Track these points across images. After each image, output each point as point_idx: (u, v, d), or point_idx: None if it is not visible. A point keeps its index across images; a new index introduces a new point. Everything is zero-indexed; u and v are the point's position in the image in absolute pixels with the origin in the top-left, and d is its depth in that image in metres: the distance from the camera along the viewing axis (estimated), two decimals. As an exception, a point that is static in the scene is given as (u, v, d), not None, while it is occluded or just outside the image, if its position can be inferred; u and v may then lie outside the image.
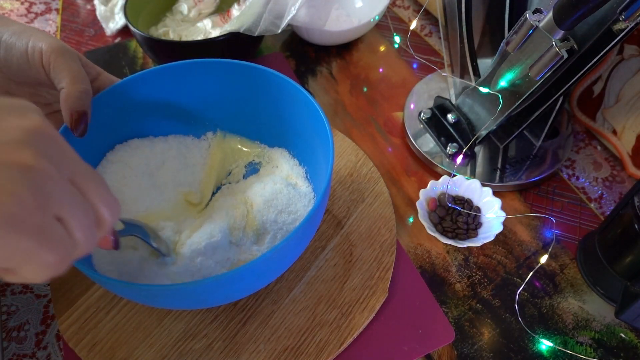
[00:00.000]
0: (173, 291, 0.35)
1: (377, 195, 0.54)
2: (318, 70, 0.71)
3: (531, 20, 0.43)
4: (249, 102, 0.51)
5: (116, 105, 0.47)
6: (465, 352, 0.45)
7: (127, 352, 0.43)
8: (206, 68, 0.49)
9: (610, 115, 0.59)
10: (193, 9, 0.72)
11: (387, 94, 0.68)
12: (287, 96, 0.47)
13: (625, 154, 0.58)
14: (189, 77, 0.49)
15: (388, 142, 0.62)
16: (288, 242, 0.35)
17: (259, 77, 0.48)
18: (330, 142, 0.41)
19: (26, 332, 0.46)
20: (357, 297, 0.46)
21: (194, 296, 0.37)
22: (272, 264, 0.38)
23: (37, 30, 0.41)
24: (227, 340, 0.44)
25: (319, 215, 0.40)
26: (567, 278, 0.50)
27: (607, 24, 0.41)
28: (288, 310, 0.46)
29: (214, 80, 0.50)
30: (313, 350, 0.43)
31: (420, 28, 0.79)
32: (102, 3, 0.80)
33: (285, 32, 0.76)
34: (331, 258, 0.49)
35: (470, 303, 0.48)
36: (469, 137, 0.57)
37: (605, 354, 0.45)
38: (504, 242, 0.53)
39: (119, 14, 0.78)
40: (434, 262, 0.51)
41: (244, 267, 0.34)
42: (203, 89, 0.50)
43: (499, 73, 0.49)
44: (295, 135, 0.50)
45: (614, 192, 0.58)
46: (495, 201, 0.52)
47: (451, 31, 0.55)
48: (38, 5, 0.84)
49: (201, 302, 0.40)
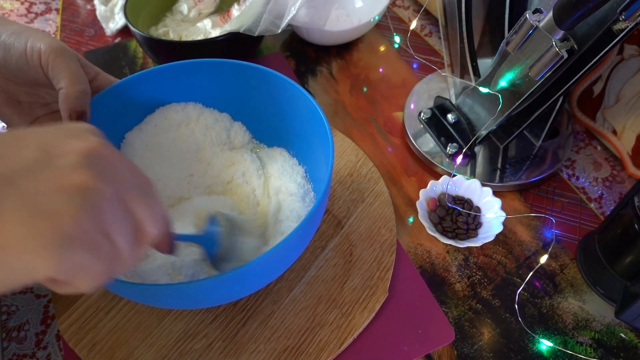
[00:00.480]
0: (172, 291, 0.35)
1: (377, 195, 0.54)
2: (318, 70, 0.71)
3: (531, 20, 0.43)
4: (249, 101, 0.51)
5: (116, 105, 0.47)
6: (465, 352, 0.45)
7: (127, 352, 0.43)
8: (206, 68, 0.49)
9: (610, 115, 0.59)
10: (193, 9, 0.72)
11: (387, 94, 0.68)
12: (287, 96, 0.47)
13: (625, 154, 0.58)
14: (189, 77, 0.49)
15: (388, 142, 0.62)
16: (287, 242, 0.35)
17: (259, 77, 0.48)
18: (330, 142, 0.41)
19: (26, 332, 0.46)
20: (357, 297, 0.46)
21: (194, 296, 0.37)
22: (272, 263, 0.38)
23: (36, 31, 0.41)
24: (227, 340, 0.44)
25: (319, 215, 0.40)
26: (567, 278, 0.50)
27: (607, 24, 0.41)
28: (288, 310, 0.46)
29: (213, 80, 0.50)
30: (313, 350, 0.43)
31: (420, 28, 0.79)
32: (102, 3, 0.80)
33: (285, 32, 0.76)
34: (331, 258, 0.49)
35: (470, 303, 0.48)
36: (469, 137, 0.57)
37: (605, 354, 0.45)
38: (504, 242, 0.53)
39: (119, 14, 0.78)
40: (434, 262, 0.51)
41: (243, 267, 0.34)
42: (203, 89, 0.50)
43: (499, 73, 0.49)
44: (295, 135, 0.50)
45: (614, 192, 0.58)
46: (495, 201, 0.52)
47: (451, 31, 0.55)
48: (38, 5, 0.84)
49: (201, 302, 0.40)
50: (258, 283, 0.41)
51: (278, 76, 0.47)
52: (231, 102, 0.51)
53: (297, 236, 0.36)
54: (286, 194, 0.47)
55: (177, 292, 0.35)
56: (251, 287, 0.41)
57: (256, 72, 0.48)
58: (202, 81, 0.50)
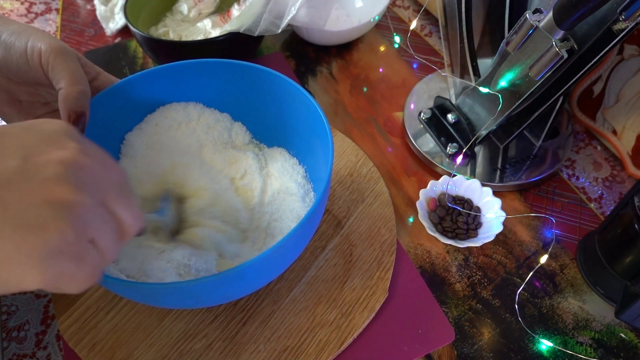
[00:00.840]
0: (172, 290, 0.35)
1: (377, 195, 0.54)
2: (318, 70, 0.71)
3: (531, 20, 0.43)
4: (249, 101, 0.51)
5: (116, 105, 0.47)
6: (465, 352, 0.45)
7: (127, 352, 0.43)
8: (206, 68, 0.49)
9: (610, 115, 0.59)
10: (193, 9, 0.72)
11: (387, 94, 0.68)
12: (287, 96, 0.47)
13: (625, 154, 0.58)
14: (189, 77, 0.49)
15: (388, 142, 0.62)
16: (287, 241, 0.35)
17: (259, 77, 0.48)
18: (329, 142, 0.41)
19: (26, 332, 0.46)
20: (357, 297, 0.46)
21: (193, 295, 0.37)
22: (272, 263, 0.38)
23: (37, 30, 0.41)
24: (227, 340, 0.44)
25: (318, 214, 0.40)
26: (567, 278, 0.50)
27: (607, 24, 0.41)
28: (288, 310, 0.46)
29: (213, 80, 0.50)
30: (313, 351, 0.43)
31: (420, 28, 0.79)
32: (102, 3, 0.80)
33: (285, 32, 0.76)
34: (331, 258, 0.49)
35: (470, 303, 0.48)
36: (469, 137, 0.57)
37: (605, 354, 0.45)
38: (504, 242, 0.53)
39: (119, 14, 0.78)
40: (434, 262, 0.51)
41: (243, 266, 0.34)
42: (203, 89, 0.50)
43: (499, 73, 0.49)
44: (295, 135, 0.50)
45: (614, 192, 0.58)
46: (495, 201, 0.52)
47: (451, 31, 0.55)
48: (38, 5, 0.84)
49: (201, 301, 0.40)
50: (257, 282, 0.41)
51: (278, 76, 0.47)
52: (231, 102, 0.51)
53: (296, 235, 0.36)
54: (286, 194, 0.47)
55: (176, 291, 0.35)
56: (251, 286, 0.41)
57: (256, 72, 0.48)
58: (202, 81, 0.50)
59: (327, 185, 0.39)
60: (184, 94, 0.50)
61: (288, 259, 0.41)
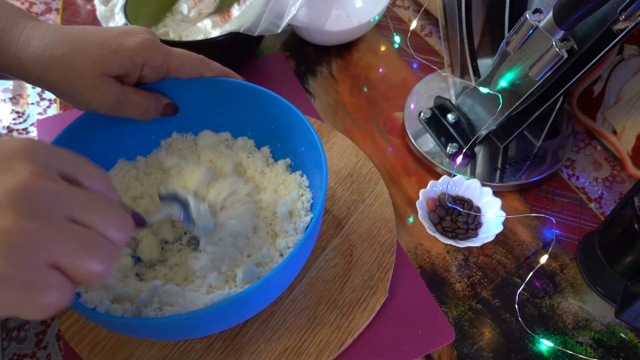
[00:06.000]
0: (166, 325, 0.34)
1: (377, 196, 0.54)
2: (318, 70, 0.71)
3: (531, 20, 0.43)
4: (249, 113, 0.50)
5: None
6: (465, 352, 0.45)
7: (128, 352, 0.43)
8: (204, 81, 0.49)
9: (610, 115, 0.59)
10: (193, 9, 0.72)
11: (387, 94, 0.68)
12: (281, 113, 0.47)
13: (625, 154, 0.58)
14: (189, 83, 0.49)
15: (388, 142, 0.62)
16: (281, 269, 0.35)
17: (253, 95, 0.48)
18: (324, 166, 0.41)
19: (26, 332, 0.47)
20: (358, 297, 0.46)
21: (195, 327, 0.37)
22: (261, 296, 0.38)
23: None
24: (227, 340, 0.44)
25: (310, 243, 0.41)
26: (567, 278, 0.50)
27: (607, 24, 0.41)
28: (288, 311, 0.46)
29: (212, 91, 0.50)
30: (313, 351, 0.43)
31: (420, 28, 0.79)
32: (102, 3, 0.80)
33: (285, 32, 0.76)
34: (331, 258, 0.49)
35: (470, 303, 0.48)
36: (469, 137, 0.57)
37: (605, 354, 0.45)
38: (504, 242, 0.53)
39: (119, 14, 0.78)
40: (434, 262, 0.51)
41: (241, 294, 0.34)
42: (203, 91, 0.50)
43: (499, 73, 0.49)
44: (295, 150, 0.49)
45: (614, 192, 0.58)
46: (495, 201, 0.52)
47: (451, 31, 0.55)
48: (38, 5, 0.84)
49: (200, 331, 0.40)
50: (256, 308, 0.41)
51: (270, 95, 0.47)
52: (233, 120, 0.52)
53: (291, 262, 0.36)
54: (290, 202, 0.47)
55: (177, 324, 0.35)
56: (250, 311, 0.41)
57: (249, 91, 0.48)
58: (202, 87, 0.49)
59: (318, 220, 0.39)
60: (184, 97, 0.50)
61: (282, 286, 0.41)
